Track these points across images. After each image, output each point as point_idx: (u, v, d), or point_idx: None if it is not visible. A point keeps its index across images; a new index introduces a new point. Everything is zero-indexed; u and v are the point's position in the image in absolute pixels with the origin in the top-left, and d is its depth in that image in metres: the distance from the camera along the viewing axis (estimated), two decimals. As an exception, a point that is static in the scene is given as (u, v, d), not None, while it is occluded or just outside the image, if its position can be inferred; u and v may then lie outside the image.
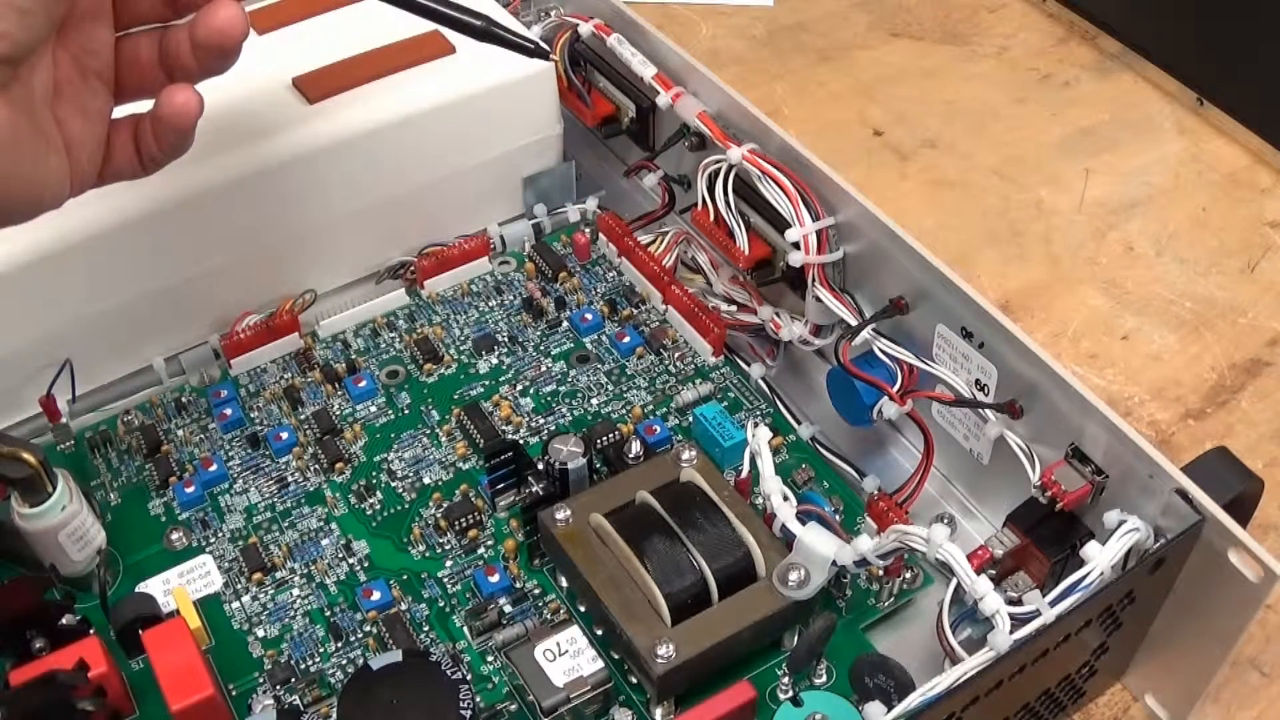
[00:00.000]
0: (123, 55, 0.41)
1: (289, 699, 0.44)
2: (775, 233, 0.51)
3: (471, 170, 0.58)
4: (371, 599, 0.47)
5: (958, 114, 0.75)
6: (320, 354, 0.56)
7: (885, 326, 0.49)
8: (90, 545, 0.47)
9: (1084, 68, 0.79)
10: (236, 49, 0.40)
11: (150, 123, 0.41)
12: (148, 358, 0.54)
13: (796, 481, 0.51)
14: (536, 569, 0.48)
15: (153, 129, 0.41)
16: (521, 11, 0.64)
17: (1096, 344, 0.61)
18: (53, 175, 0.38)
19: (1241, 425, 0.57)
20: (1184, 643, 0.43)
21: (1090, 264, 0.65)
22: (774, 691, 0.44)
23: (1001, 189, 0.70)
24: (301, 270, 0.56)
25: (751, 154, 0.51)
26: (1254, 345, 0.61)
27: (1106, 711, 0.46)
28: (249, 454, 0.52)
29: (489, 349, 0.56)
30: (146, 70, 0.41)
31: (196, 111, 0.41)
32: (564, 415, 0.53)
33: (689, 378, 0.55)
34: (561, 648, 0.43)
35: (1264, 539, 0.51)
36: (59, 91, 0.38)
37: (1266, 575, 0.38)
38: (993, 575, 0.42)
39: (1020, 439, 0.45)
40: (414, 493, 0.51)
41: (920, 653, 0.45)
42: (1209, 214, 0.68)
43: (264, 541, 0.49)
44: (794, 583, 0.43)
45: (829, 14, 0.83)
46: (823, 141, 0.72)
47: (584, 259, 0.60)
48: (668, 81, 0.57)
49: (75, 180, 0.40)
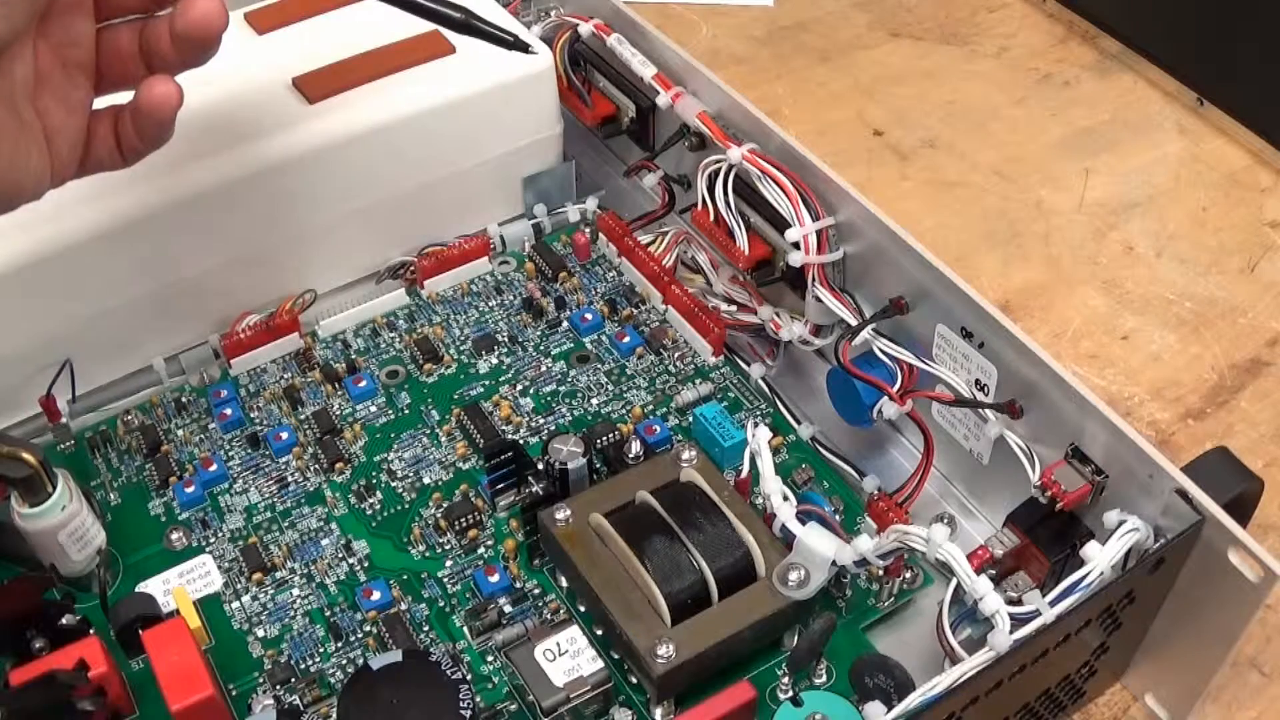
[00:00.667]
0: (104, 46, 0.41)
1: (289, 699, 0.44)
2: (775, 233, 0.51)
3: (471, 170, 0.58)
4: (371, 599, 0.47)
5: (958, 114, 0.75)
6: (320, 354, 0.56)
7: (885, 326, 0.49)
8: (90, 545, 0.47)
9: (1084, 68, 0.79)
10: (216, 41, 0.40)
11: (130, 114, 0.41)
12: (148, 358, 0.54)
13: (796, 481, 0.51)
14: (536, 569, 0.48)
15: (133, 120, 0.41)
16: (521, 11, 0.64)
17: (1096, 344, 0.61)
18: (33, 166, 0.39)
19: (1241, 425, 0.57)
20: (1184, 642, 0.43)
21: (1090, 264, 0.65)
22: (774, 691, 0.44)
23: (1001, 189, 0.70)
24: (301, 270, 0.56)
25: (751, 154, 0.51)
26: (1254, 345, 0.61)
27: (1106, 711, 0.46)
28: (249, 454, 0.52)
29: (489, 349, 0.56)
30: (127, 61, 0.41)
31: (176, 103, 0.41)
32: (564, 415, 0.53)
33: (689, 378, 0.55)
34: (561, 648, 0.43)
35: (1264, 539, 0.51)
36: (39, 82, 0.39)
37: (1266, 575, 0.38)
38: (993, 575, 0.42)
39: (1020, 439, 0.45)
40: (414, 493, 0.51)
41: (920, 653, 0.45)
42: (1209, 214, 0.68)
43: (264, 541, 0.49)
44: (794, 583, 0.43)
45: (829, 14, 0.83)
46: (823, 141, 0.72)
47: (584, 259, 0.60)
48: (668, 81, 0.57)
49: (55, 171, 0.40)
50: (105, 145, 0.41)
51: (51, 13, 0.38)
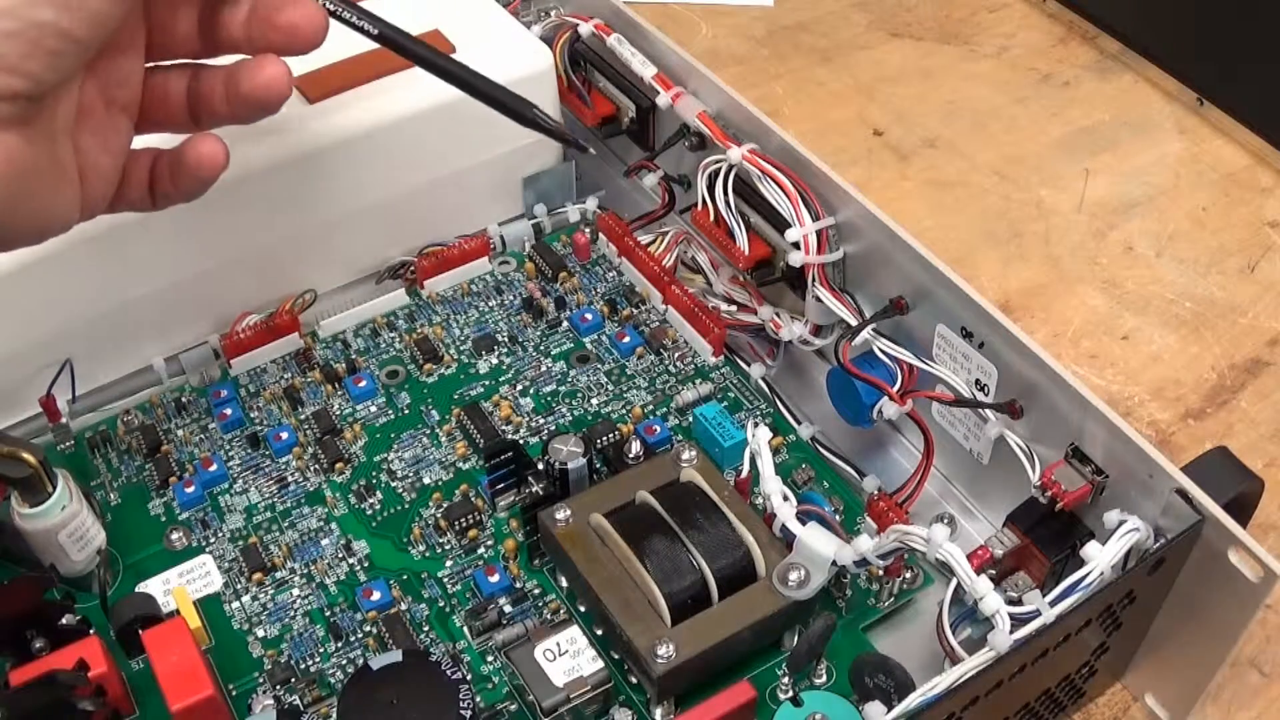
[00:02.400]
0: (151, 88, 0.40)
1: (289, 699, 0.44)
2: (775, 233, 0.51)
3: (471, 170, 0.58)
4: (371, 599, 0.47)
5: (958, 114, 0.75)
6: (320, 354, 0.56)
7: (885, 326, 0.49)
8: (90, 545, 0.47)
9: (1084, 68, 0.79)
10: (277, 107, 0.39)
11: (170, 163, 0.40)
12: (148, 358, 0.54)
13: (796, 481, 0.51)
14: (536, 569, 0.48)
15: (172, 170, 0.40)
16: (521, 11, 0.64)
17: (1096, 344, 0.61)
18: (63, 204, 0.38)
19: (1241, 425, 0.57)
20: (1184, 642, 0.43)
21: (1090, 264, 0.65)
22: (774, 691, 0.44)
23: (1001, 189, 0.70)
24: (301, 270, 0.56)
25: (751, 154, 0.51)
26: (1254, 345, 0.61)
27: (1106, 711, 0.46)
28: (249, 454, 0.52)
29: (489, 349, 0.56)
30: (174, 105, 0.40)
31: (222, 164, 0.40)
32: (564, 415, 0.53)
33: (689, 378, 0.55)
34: (561, 648, 0.43)
35: (1264, 539, 0.51)
36: (81, 120, 0.38)
37: (1266, 575, 0.38)
38: (993, 575, 0.42)
39: (1020, 439, 0.45)
40: (414, 493, 0.51)
41: (920, 653, 0.45)
42: (1209, 214, 0.68)
43: (264, 541, 0.49)
44: (794, 583, 0.43)
45: (829, 14, 0.83)
46: (823, 141, 0.72)
47: (584, 259, 0.60)
48: (668, 81, 0.57)
49: (85, 208, 0.39)
50: (139, 188, 0.41)
51: (102, 53, 0.37)
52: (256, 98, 0.39)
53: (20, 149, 0.35)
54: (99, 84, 0.38)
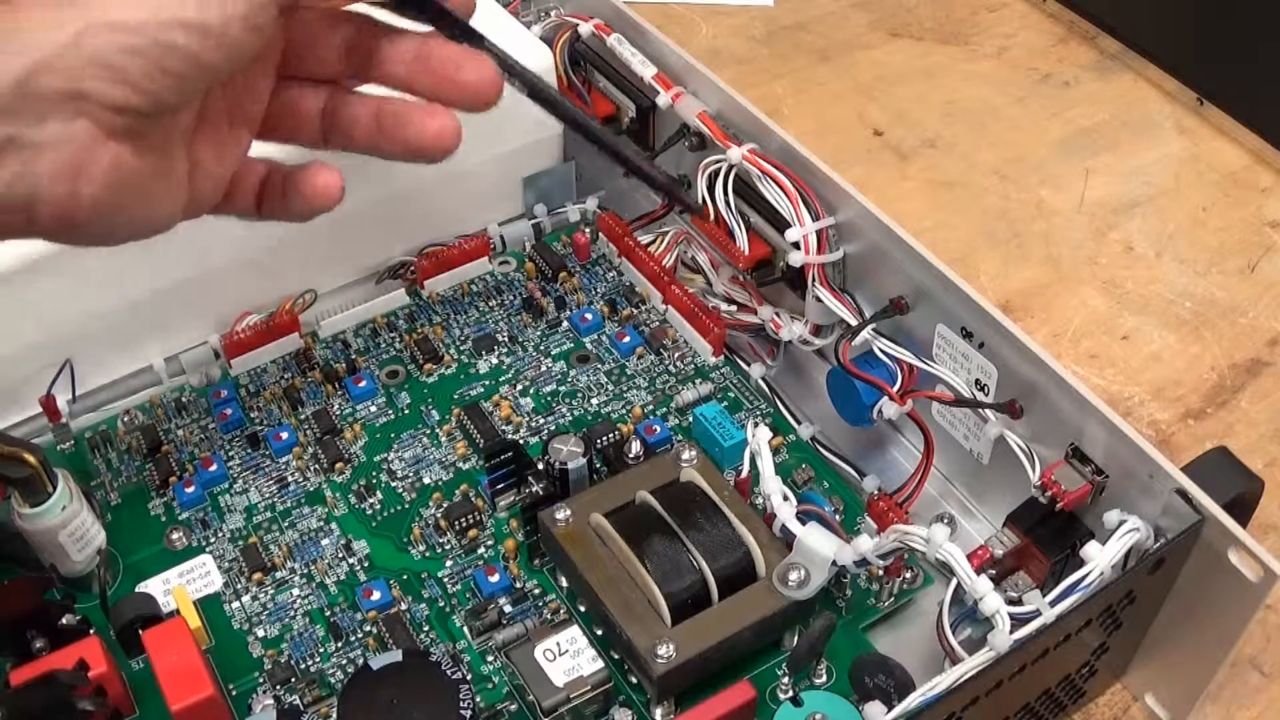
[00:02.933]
0: (282, 102, 0.39)
1: (289, 699, 0.44)
2: (775, 233, 0.51)
3: (471, 170, 0.58)
4: (371, 599, 0.47)
5: (958, 114, 0.75)
6: (320, 354, 0.56)
7: (885, 326, 0.49)
8: (90, 545, 0.47)
9: (1084, 68, 0.79)
10: (440, 160, 0.38)
11: (284, 181, 0.39)
12: (148, 358, 0.54)
13: (796, 481, 0.51)
14: (536, 569, 0.48)
15: (284, 189, 0.39)
16: (521, 11, 0.64)
17: (1096, 344, 0.61)
18: (167, 206, 0.37)
19: (1241, 425, 0.57)
20: (1184, 642, 0.43)
21: (1090, 264, 0.65)
22: (774, 691, 0.44)
23: (1001, 189, 0.70)
24: (301, 270, 0.56)
25: (751, 154, 0.51)
26: (1254, 345, 0.61)
27: (1106, 711, 0.46)
28: (249, 454, 0.52)
29: (489, 349, 0.56)
30: (304, 121, 0.39)
31: (336, 198, 0.39)
32: (564, 415, 0.53)
33: (689, 378, 0.55)
34: (561, 648, 0.43)
35: (1264, 539, 0.51)
36: (200, 128, 0.37)
37: (1266, 575, 0.38)
38: (993, 575, 0.42)
39: (1020, 439, 0.45)
40: (414, 493, 0.51)
41: (920, 653, 0.45)
42: (1209, 214, 0.68)
43: (264, 541, 0.49)
44: (794, 583, 0.43)
45: (829, 14, 0.83)
46: (823, 141, 0.72)
47: (584, 259, 0.60)
48: (668, 81, 0.57)
49: (189, 210, 0.38)
50: (247, 198, 0.40)
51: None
52: (422, 145, 0.38)
53: (129, 159, 0.34)
54: (225, 97, 0.37)
